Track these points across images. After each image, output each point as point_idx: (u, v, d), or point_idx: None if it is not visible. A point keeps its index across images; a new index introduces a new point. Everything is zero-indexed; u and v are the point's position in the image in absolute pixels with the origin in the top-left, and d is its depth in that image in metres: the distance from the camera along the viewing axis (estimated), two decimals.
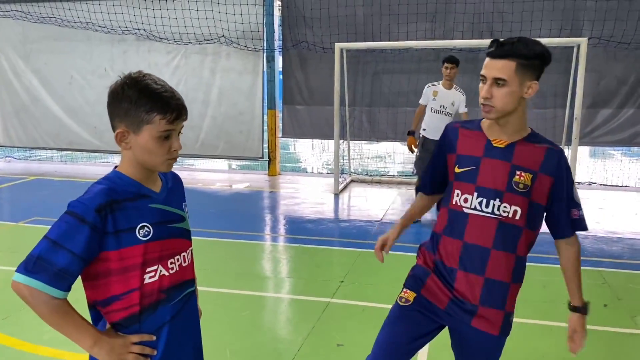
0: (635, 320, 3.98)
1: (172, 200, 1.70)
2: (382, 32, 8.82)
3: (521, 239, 2.02)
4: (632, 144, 9.01)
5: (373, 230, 6.33)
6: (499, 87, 1.92)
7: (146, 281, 1.58)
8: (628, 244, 5.85)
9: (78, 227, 1.46)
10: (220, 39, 9.46)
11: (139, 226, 1.56)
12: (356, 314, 4.08)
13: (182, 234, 1.71)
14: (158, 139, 1.55)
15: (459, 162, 2.06)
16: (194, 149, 10.14)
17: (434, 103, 6.35)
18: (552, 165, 1.99)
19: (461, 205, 2.03)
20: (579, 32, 8.21)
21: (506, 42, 1.92)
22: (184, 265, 1.70)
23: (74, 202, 1.51)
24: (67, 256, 1.44)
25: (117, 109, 1.54)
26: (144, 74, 1.55)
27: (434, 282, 2.09)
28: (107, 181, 1.58)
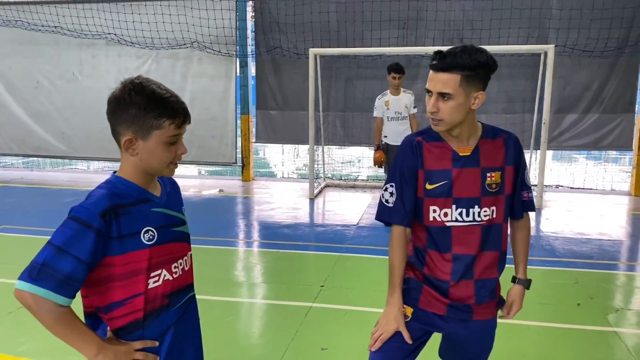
0: (608, 318, 4.11)
1: (172, 204, 1.70)
2: (355, 39, 8.92)
3: (503, 234, 2.07)
4: (597, 148, 9.31)
5: (350, 234, 6.37)
6: (445, 101, 1.89)
7: (150, 286, 1.58)
8: (596, 245, 6.05)
9: (83, 233, 1.44)
10: (192, 44, 9.39)
11: (143, 230, 1.56)
12: (339, 318, 4.10)
13: (184, 237, 1.72)
14: (166, 144, 1.55)
15: (430, 179, 2.01)
16: None
17: (389, 112, 6.58)
18: (512, 155, 2.03)
19: (442, 221, 2.00)
20: (546, 40, 8.47)
21: (449, 53, 1.87)
22: (186, 270, 1.71)
23: (78, 208, 1.49)
24: (72, 262, 1.42)
25: (124, 115, 1.52)
26: (145, 78, 1.54)
27: (428, 293, 2.08)
28: (109, 186, 1.57)
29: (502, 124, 8.50)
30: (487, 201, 2.00)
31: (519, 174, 2.07)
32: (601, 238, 6.33)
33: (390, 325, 2.05)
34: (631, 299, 4.58)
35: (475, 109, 1.95)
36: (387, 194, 2.09)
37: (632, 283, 5.03)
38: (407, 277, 2.13)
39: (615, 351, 3.63)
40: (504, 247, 2.09)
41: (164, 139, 1.54)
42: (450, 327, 2.11)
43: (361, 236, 6.18)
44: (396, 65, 6.48)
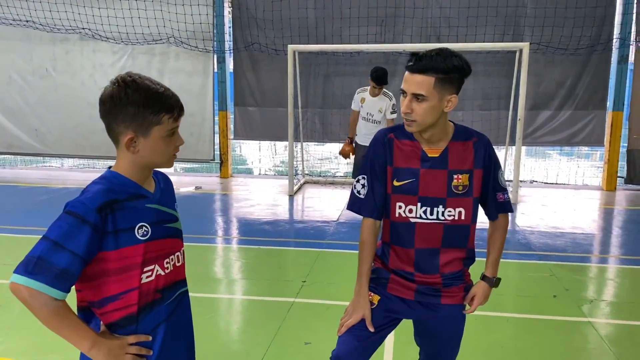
0: (583, 309, 4.23)
1: (165, 201, 1.71)
2: (333, 35, 8.94)
3: (470, 235, 2.13)
4: (570, 144, 9.52)
5: (330, 230, 6.40)
6: (419, 102, 1.93)
7: (143, 281, 1.59)
8: (570, 238, 6.19)
9: (79, 227, 1.45)
10: (169, 39, 9.30)
11: (137, 226, 1.57)
12: (321, 313, 4.13)
13: (176, 233, 1.73)
14: (165, 138, 1.57)
15: (397, 176, 2.06)
16: None
17: (362, 111, 6.36)
18: (481, 158, 2.07)
19: (407, 217, 2.07)
20: (520, 38, 8.62)
21: (424, 56, 1.91)
22: (178, 265, 1.72)
23: (74, 202, 1.50)
24: (68, 257, 1.43)
25: (122, 114, 1.52)
26: (137, 74, 1.54)
27: (396, 281, 2.16)
28: (104, 181, 1.57)
29: (478, 121, 8.72)
30: (452, 202, 2.05)
31: (490, 177, 2.11)
32: (575, 232, 6.49)
33: (358, 313, 2.13)
34: (604, 290, 4.71)
35: (448, 111, 1.99)
36: (359, 185, 2.16)
37: (604, 275, 5.17)
38: (376, 267, 2.22)
39: (590, 340, 3.73)
40: (471, 246, 2.15)
41: (163, 133, 1.56)
42: (418, 313, 2.17)
43: (341, 232, 6.22)
44: (377, 77, 6.15)
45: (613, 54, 8.78)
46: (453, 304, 2.17)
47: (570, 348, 3.63)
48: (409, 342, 2.54)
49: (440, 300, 2.14)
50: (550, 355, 3.54)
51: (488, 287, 2.22)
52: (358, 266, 2.18)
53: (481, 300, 2.19)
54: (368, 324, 2.12)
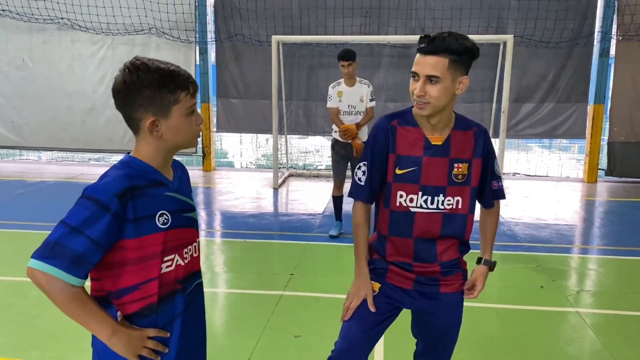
0: (570, 299, 4.25)
1: (183, 189, 1.67)
2: (318, 26, 8.87)
3: (467, 225, 2.12)
4: (552, 136, 9.61)
5: (317, 223, 6.36)
6: (432, 84, 1.91)
7: (163, 270, 1.55)
8: (554, 230, 6.24)
9: (99, 213, 1.41)
10: (150, 30, 9.13)
11: (158, 214, 1.53)
12: (310, 305, 4.09)
13: (193, 223, 1.69)
14: (187, 117, 1.53)
15: (400, 164, 2.05)
16: (122, 144, 9.73)
17: (341, 105, 5.65)
18: (480, 147, 2.08)
19: (407, 206, 2.06)
20: (504, 30, 8.65)
21: (437, 37, 1.90)
22: (195, 256, 1.69)
23: (93, 187, 1.45)
24: (85, 242, 1.40)
25: (138, 99, 1.47)
26: (145, 57, 1.50)
27: (394, 271, 2.15)
28: (124, 166, 1.52)
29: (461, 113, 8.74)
30: (452, 191, 2.05)
31: (488, 166, 2.12)
32: (558, 223, 6.55)
33: (360, 292, 2.13)
34: (589, 281, 4.75)
35: (459, 94, 1.98)
36: (360, 172, 2.14)
37: (589, 265, 5.22)
38: (373, 258, 2.21)
39: (578, 330, 3.75)
40: (467, 237, 2.14)
41: (183, 111, 1.52)
42: (417, 303, 2.16)
43: (328, 225, 6.17)
44: (343, 52, 5.51)
45: (595, 47, 8.87)
46: (452, 292, 2.16)
47: (560, 338, 3.65)
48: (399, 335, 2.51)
49: (440, 289, 2.13)
50: (540, 345, 3.55)
51: (487, 271, 2.22)
52: (355, 249, 2.17)
53: (483, 284, 2.20)
54: (370, 304, 2.10)
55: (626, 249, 5.55)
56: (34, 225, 5.83)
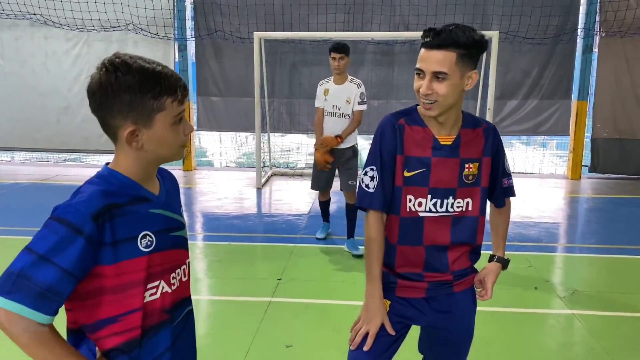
0: (565, 301, 4.17)
1: (172, 205, 1.47)
2: (300, 23, 8.70)
3: (478, 227, 1.99)
4: (536, 133, 9.60)
5: (303, 224, 6.20)
6: (439, 81, 1.77)
7: (147, 299, 1.35)
8: (544, 228, 6.19)
9: (70, 238, 1.21)
10: (127, 26, 8.85)
11: (140, 235, 1.32)
12: (300, 312, 3.93)
13: (182, 243, 1.49)
14: (172, 126, 1.32)
15: (408, 165, 1.90)
16: (99, 144, 9.45)
17: (326, 104, 5.05)
18: (490, 146, 1.96)
19: (416, 210, 1.91)
20: (489, 26, 8.58)
21: (443, 30, 1.76)
22: (184, 280, 1.48)
23: (64, 206, 1.24)
24: (55, 272, 1.19)
25: (116, 104, 1.26)
26: (126, 55, 1.28)
27: (404, 284, 2.00)
28: (101, 181, 1.32)
29: None
30: (462, 192, 1.92)
31: (498, 164, 2.00)
32: (547, 221, 6.49)
33: (375, 319, 1.93)
34: (583, 281, 4.68)
35: (468, 89, 1.85)
36: (368, 178, 1.96)
37: (581, 265, 5.16)
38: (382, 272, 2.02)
39: (576, 334, 3.67)
40: (479, 242, 2.01)
41: (168, 120, 1.30)
42: (429, 318, 2.01)
43: (315, 225, 6.01)
44: (336, 44, 4.99)
45: (578, 43, 8.86)
46: (464, 289, 2.03)
47: (559, 343, 3.56)
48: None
49: (453, 289, 2.00)
50: (539, 350, 3.45)
51: (499, 269, 2.10)
52: (368, 265, 1.97)
53: (494, 280, 2.07)
54: (388, 327, 1.93)
55: (616, 247, 5.50)
56: (7, 230, 5.57)
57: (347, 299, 4.12)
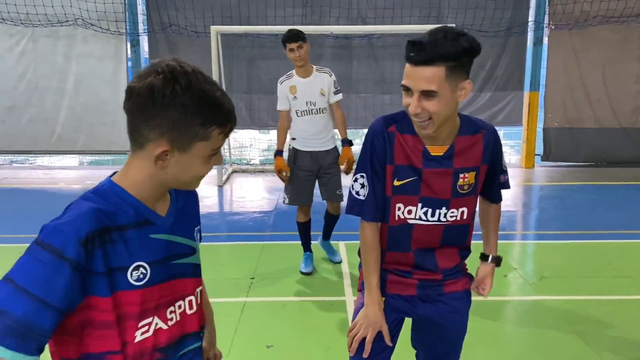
0: (535, 287, 4.28)
1: (181, 226, 1.28)
2: (258, 17, 8.57)
3: (469, 233, 1.97)
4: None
5: (271, 221, 6.12)
6: (429, 99, 1.64)
7: (137, 339, 1.18)
8: (505, 217, 6.21)
9: (54, 266, 1.05)
10: (76, 21, 8.48)
11: (132, 266, 1.15)
12: (277, 311, 3.87)
13: (188, 272, 1.30)
14: (206, 158, 1.17)
15: (398, 174, 1.82)
16: (49, 145, 9.07)
17: (297, 103, 4.33)
18: (489, 153, 1.87)
19: (405, 218, 1.86)
20: (444, 20, 8.70)
21: (428, 42, 1.59)
22: (189, 313, 1.29)
23: (50, 228, 1.08)
24: (38, 308, 1.03)
25: (159, 117, 1.10)
26: (189, 65, 1.12)
27: (395, 279, 1.97)
28: (97, 197, 1.15)
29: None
30: (456, 203, 1.84)
31: (497, 164, 1.93)
32: (507, 209, 6.64)
33: (374, 325, 1.89)
34: (550, 267, 4.79)
35: (462, 100, 1.74)
36: (358, 185, 1.88)
37: (547, 251, 5.30)
38: None
39: (548, 319, 3.76)
40: (468, 244, 2.00)
41: (207, 151, 1.16)
42: (420, 311, 2.00)
43: (283, 222, 5.94)
44: (289, 32, 4.29)
45: (529, 36, 9.11)
46: (457, 291, 2.00)
47: (533, 329, 3.63)
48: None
49: (444, 290, 1.97)
50: (515, 338, 3.53)
51: (494, 268, 2.10)
52: (365, 275, 1.92)
53: (492, 282, 2.08)
54: (386, 338, 1.90)
55: (576, 233, 5.70)
56: None
57: (324, 295, 4.09)
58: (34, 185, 8.05)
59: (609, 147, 9.28)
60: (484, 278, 2.08)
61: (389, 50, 8.92)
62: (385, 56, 8.93)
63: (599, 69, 9.03)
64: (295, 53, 4.22)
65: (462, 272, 2.04)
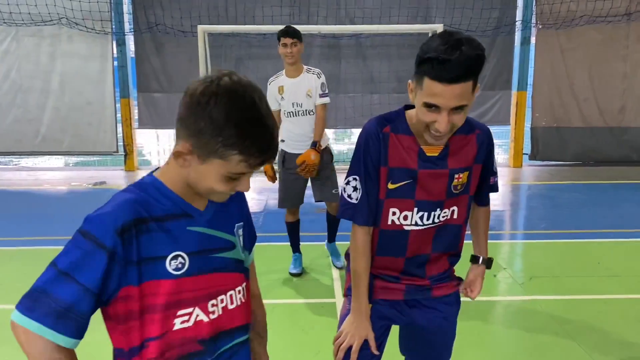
0: (524, 287, 4.28)
1: (220, 221, 1.31)
2: (245, 16, 8.52)
3: (461, 235, 1.92)
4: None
5: (259, 222, 6.07)
6: (457, 113, 1.60)
7: (177, 327, 1.22)
8: (493, 216, 6.32)
9: (93, 254, 1.11)
10: (60, 20, 8.37)
11: (171, 255, 1.19)
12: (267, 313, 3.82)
13: (229, 266, 1.32)
14: (225, 178, 1.16)
15: (392, 177, 1.78)
16: (34, 146, 8.98)
17: (284, 103, 4.29)
18: (483, 153, 1.84)
19: (401, 224, 1.81)
20: (432, 20, 8.71)
21: (457, 59, 1.50)
22: (231, 308, 1.31)
23: (92, 218, 1.14)
24: (77, 291, 1.10)
25: (191, 121, 1.11)
26: (244, 80, 1.13)
27: (382, 283, 1.93)
28: (137, 190, 1.21)
29: (393, 104, 8.73)
30: (450, 203, 1.82)
31: (488, 166, 1.90)
32: (496, 209, 6.66)
33: (360, 334, 1.86)
34: (539, 266, 4.80)
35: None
36: (350, 188, 1.83)
37: (536, 251, 5.32)
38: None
39: (538, 319, 3.75)
40: (459, 248, 1.96)
41: (223, 171, 1.15)
42: (408, 318, 1.96)
43: (272, 223, 5.89)
44: (287, 27, 4.29)
45: (516, 36, 9.15)
46: (445, 295, 1.97)
47: (524, 330, 3.62)
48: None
49: (432, 294, 1.93)
50: (506, 338, 3.51)
51: (484, 271, 2.07)
52: (354, 282, 1.88)
53: (482, 286, 2.05)
54: (372, 347, 1.86)
55: (564, 232, 5.72)
56: None
57: (314, 297, 4.05)
58: (18, 187, 7.94)
59: (595, 146, 9.35)
60: (473, 280, 2.05)
61: (377, 50, 8.92)
62: (374, 56, 8.92)
63: (586, 69, 9.10)
64: (287, 49, 4.17)
65: (450, 276, 2.00)
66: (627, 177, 8.42)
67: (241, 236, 1.38)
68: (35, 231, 5.71)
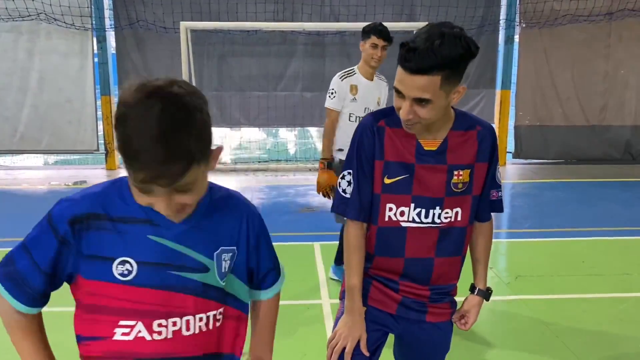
0: (510, 287, 4.27)
1: (195, 239, 1.20)
2: (228, 13, 8.41)
3: (465, 239, 1.85)
4: None
5: None
6: (422, 106, 1.57)
7: (116, 337, 1.19)
8: None
9: (47, 234, 1.16)
10: (39, 15, 8.18)
11: (118, 259, 1.15)
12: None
13: (195, 289, 1.21)
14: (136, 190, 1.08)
15: (389, 172, 1.74)
16: (12, 144, 8.80)
17: (355, 106, 3.84)
18: (486, 150, 1.78)
19: (398, 220, 1.76)
20: (416, 17, 8.70)
21: (426, 50, 1.48)
22: (186, 335, 1.21)
23: (61, 201, 1.19)
24: (29, 264, 1.17)
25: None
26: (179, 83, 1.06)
27: (378, 289, 1.87)
28: (110, 185, 1.20)
29: None
30: (450, 202, 1.75)
31: (489, 172, 1.82)
32: None
33: (354, 333, 1.80)
34: (525, 266, 4.79)
35: (455, 102, 1.66)
36: (345, 182, 1.80)
37: (521, 250, 5.33)
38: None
39: (524, 319, 3.75)
40: (464, 253, 1.87)
41: (130, 181, 1.08)
42: (402, 327, 1.90)
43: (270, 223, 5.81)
44: (382, 26, 3.77)
45: (500, 34, 9.18)
46: (439, 322, 1.89)
47: (510, 330, 3.62)
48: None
49: (425, 318, 1.86)
50: (493, 338, 3.49)
51: (482, 301, 1.96)
52: (347, 278, 1.83)
53: (477, 316, 1.94)
54: (362, 346, 1.80)
55: (549, 231, 5.74)
56: None
57: (299, 299, 4.00)
58: None
59: (577, 144, 9.43)
60: (468, 311, 1.94)
61: None
62: (358, 54, 8.84)
63: (568, 68, 9.16)
64: (377, 50, 3.76)
65: (449, 297, 1.91)
66: (609, 175, 8.50)
67: (226, 262, 1.26)
68: (14, 232, 5.55)
